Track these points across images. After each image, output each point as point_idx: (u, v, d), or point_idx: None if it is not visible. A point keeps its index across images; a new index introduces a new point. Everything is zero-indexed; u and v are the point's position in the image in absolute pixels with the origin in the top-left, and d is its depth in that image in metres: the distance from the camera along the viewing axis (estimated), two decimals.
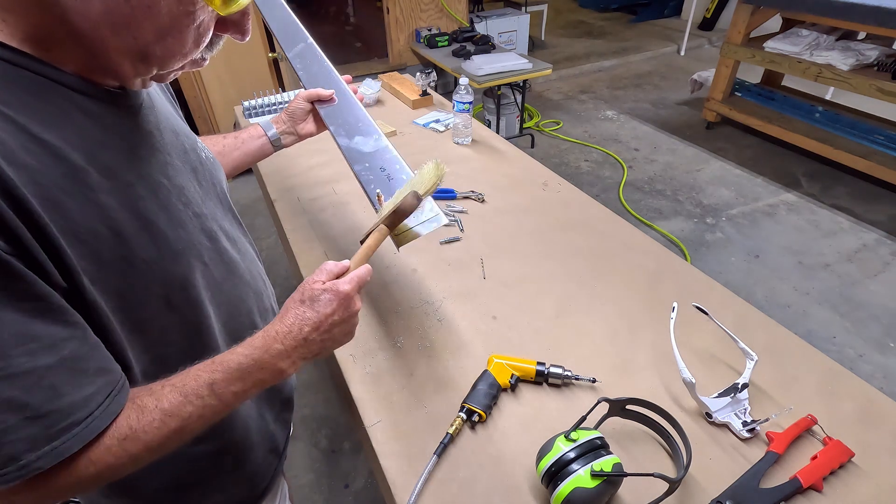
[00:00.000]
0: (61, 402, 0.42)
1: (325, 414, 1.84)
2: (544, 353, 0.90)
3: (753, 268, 2.46)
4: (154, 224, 0.52)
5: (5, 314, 0.39)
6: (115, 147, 0.50)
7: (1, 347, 0.39)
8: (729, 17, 4.19)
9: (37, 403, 0.41)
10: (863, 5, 2.63)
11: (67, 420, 0.42)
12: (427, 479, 0.71)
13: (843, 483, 0.70)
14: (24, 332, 0.40)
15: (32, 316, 0.40)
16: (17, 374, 0.40)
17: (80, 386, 0.43)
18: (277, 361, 0.55)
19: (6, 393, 0.39)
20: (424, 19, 3.80)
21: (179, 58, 0.48)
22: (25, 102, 0.42)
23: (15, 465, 0.40)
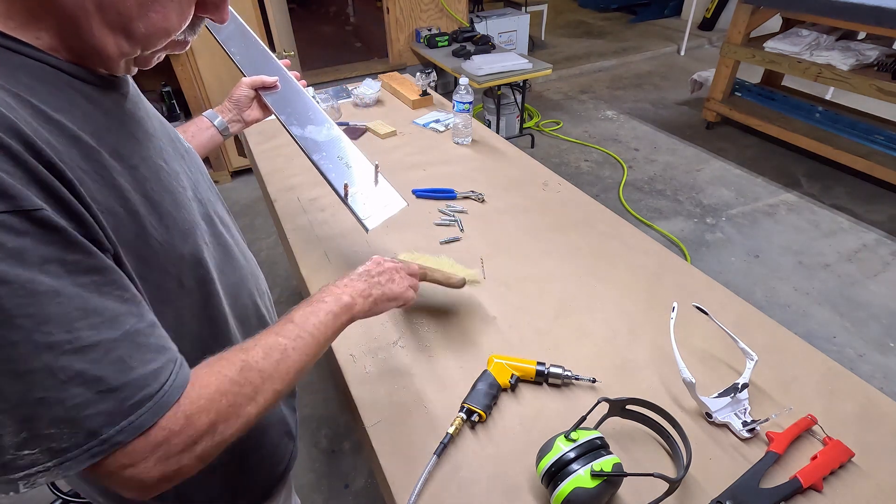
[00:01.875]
0: (132, 375, 0.42)
1: (325, 414, 1.84)
2: (544, 353, 0.90)
3: (753, 268, 2.46)
4: (161, 205, 0.52)
5: (66, 288, 0.39)
6: (117, 131, 0.50)
7: (67, 321, 0.38)
8: (729, 17, 4.19)
9: (109, 377, 0.40)
10: (863, 5, 2.63)
11: (140, 394, 0.42)
12: (427, 479, 0.71)
13: (843, 483, 0.70)
14: (85, 307, 0.40)
15: (90, 291, 0.40)
16: (86, 346, 0.39)
17: (146, 360, 0.43)
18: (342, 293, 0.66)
19: (77, 366, 0.39)
20: (424, 19, 3.80)
21: (163, 35, 0.48)
22: (34, 88, 0.43)
23: (97, 440, 0.40)
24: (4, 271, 0.35)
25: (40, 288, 0.37)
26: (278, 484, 0.79)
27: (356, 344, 0.93)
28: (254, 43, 1.06)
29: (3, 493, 0.40)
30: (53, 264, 0.38)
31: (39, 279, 0.37)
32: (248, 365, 0.51)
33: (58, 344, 0.38)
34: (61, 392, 0.38)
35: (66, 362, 0.38)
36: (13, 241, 0.36)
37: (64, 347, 0.38)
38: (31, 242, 0.37)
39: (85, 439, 0.40)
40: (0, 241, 0.35)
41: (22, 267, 0.36)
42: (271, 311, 0.80)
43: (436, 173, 1.46)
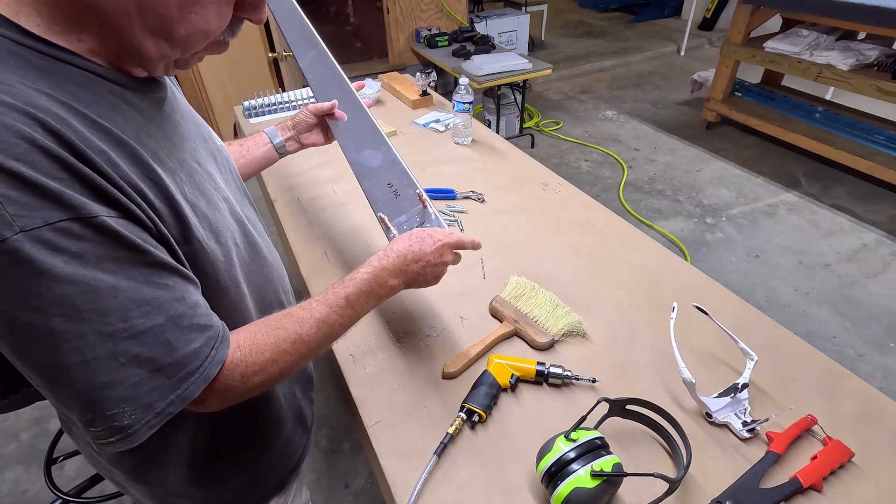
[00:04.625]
0: (177, 355, 0.48)
1: (325, 414, 1.84)
2: (544, 353, 0.90)
3: (753, 268, 2.46)
4: (198, 206, 0.55)
5: (120, 282, 0.44)
6: (156, 135, 0.52)
7: (123, 311, 0.44)
8: (729, 17, 4.18)
9: (159, 357, 0.46)
10: (863, 5, 2.63)
11: (185, 370, 0.48)
12: (427, 479, 0.71)
13: (843, 483, 0.70)
14: (137, 297, 0.45)
15: (140, 283, 0.45)
16: (140, 332, 0.45)
17: (188, 341, 0.48)
18: (389, 278, 0.70)
19: (134, 350, 0.45)
20: (424, 19, 3.80)
21: (202, 37, 0.50)
22: (80, 96, 0.45)
23: (152, 413, 0.47)
24: (72, 273, 0.41)
25: (101, 284, 0.42)
26: (291, 475, 0.80)
27: (356, 344, 0.93)
28: (329, 67, 1.06)
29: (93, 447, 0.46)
30: (108, 262, 0.43)
31: (99, 276, 0.42)
32: (301, 339, 0.59)
33: (118, 332, 0.44)
34: (123, 373, 0.44)
35: (125, 347, 0.44)
36: (75, 245, 0.41)
37: (122, 335, 0.44)
38: (89, 246, 0.42)
39: (143, 413, 0.46)
40: (65, 245, 0.40)
41: (84, 267, 0.42)
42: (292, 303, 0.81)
43: (436, 173, 1.46)
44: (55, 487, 1.51)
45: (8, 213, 0.38)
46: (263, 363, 0.55)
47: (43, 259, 0.39)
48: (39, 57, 0.43)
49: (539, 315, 0.93)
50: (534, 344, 0.91)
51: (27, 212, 0.39)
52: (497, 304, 0.97)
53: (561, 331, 0.91)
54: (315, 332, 0.60)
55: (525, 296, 0.97)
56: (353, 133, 1.00)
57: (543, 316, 0.93)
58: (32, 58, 0.43)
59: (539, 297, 0.97)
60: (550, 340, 0.90)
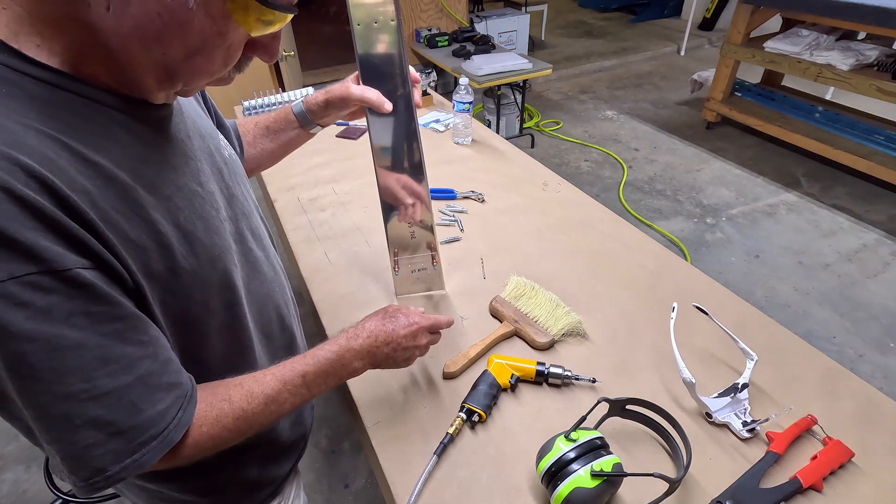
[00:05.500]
0: (140, 418, 0.45)
1: (325, 414, 1.84)
2: (544, 353, 0.90)
3: (753, 268, 2.46)
4: (192, 234, 0.53)
5: (89, 339, 0.42)
6: (154, 161, 0.50)
7: (87, 371, 0.42)
8: (729, 17, 4.18)
9: (120, 420, 0.44)
10: (863, 5, 2.63)
11: (146, 434, 0.46)
12: (427, 479, 0.71)
13: (843, 483, 0.70)
14: (105, 356, 0.43)
15: (112, 339, 0.43)
16: (102, 394, 0.43)
17: (155, 401, 0.47)
18: (354, 360, 0.65)
19: (93, 412, 0.43)
20: (424, 19, 3.80)
21: (206, 77, 0.48)
22: (73, 125, 0.43)
23: (102, 476, 0.45)
24: (32, 329, 0.39)
25: (64, 342, 0.40)
26: (286, 481, 0.80)
27: None
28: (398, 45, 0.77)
29: None
30: (79, 317, 0.41)
31: (64, 333, 0.40)
32: (245, 416, 0.55)
33: (76, 393, 0.42)
34: (75, 435, 0.43)
35: (82, 409, 0.42)
36: (42, 299, 0.39)
37: (81, 396, 0.42)
38: (58, 299, 0.40)
39: (91, 475, 0.44)
40: (29, 300, 0.38)
41: (49, 324, 0.39)
42: (296, 317, 0.80)
43: (436, 173, 1.46)
44: (55, 487, 1.51)
45: None
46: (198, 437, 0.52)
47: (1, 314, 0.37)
48: (35, 83, 0.42)
49: (539, 315, 0.93)
50: (534, 344, 0.91)
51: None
52: (497, 304, 0.97)
53: (561, 331, 0.91)
54: (261, 410, 0.57)
55: (525, 296, 0.97)
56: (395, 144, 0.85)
57: (543, 316, 0.93)
58: (28, 84, 0.41)
59: (539, 297, 0.97)
60: (550, 340, 0.90)
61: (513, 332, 0.93)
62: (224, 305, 0.59)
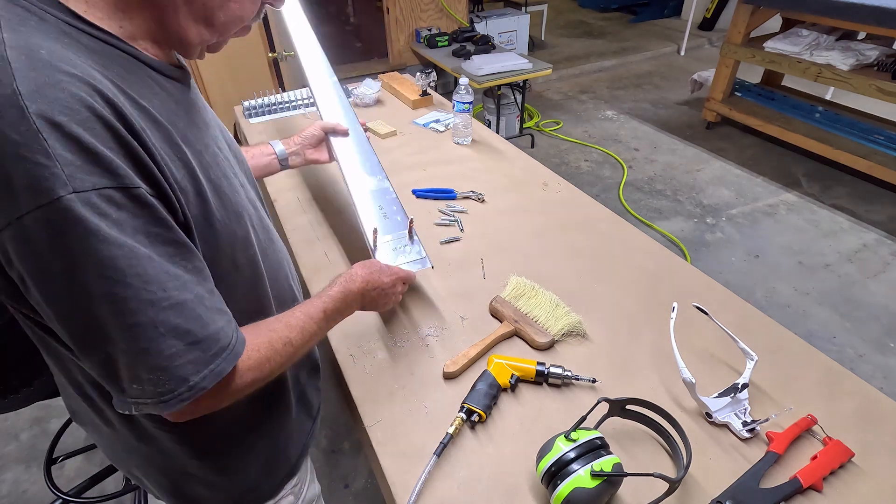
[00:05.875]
0: (209, 331, 0.49)
1: (325, 414, 1.83)
2: (544, 353, 0.90)
3: (753, 268, 2.46)
4: (220, 188, 0.57)
5: (155, 254, 0.45)
6: (185, 119, 0.55)
7: (161, 281, 0.45)
8: (729, 17, 4.18)
9: (195, 330, 0.48)
10: (863, 5, 2.63)
11: (217, 345, 0.50)
12: (427, 479, 0.71)
13: (843, 483, 0.70)
14: (170, 272, 0.46)
15: (167, 260, 0.47)
16: (178, 303, 0.46)
17: (214, 320, 0.50)
18: (353, 301, 0.77)
19: (174, 321, 0.46)
20: (424, 19, 3.80)
21: (238, 23, 0.55)
22: (124, 77, 0.48)
23: (186, 386, 0.48)
24: (117, 236, 0.42)
25: (139, 253, 0.44)
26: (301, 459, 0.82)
27: (356, 344, 0.93)
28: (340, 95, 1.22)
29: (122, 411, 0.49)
30: (142, 235, 0.45)
31: (137, 247, 0.44)
32: (290, 342, 0.62)
33: (158, 301, 0.45)
34: (161, 344, 0.46)
35: (165, 317, 0.46)
36: (115, 212, 0.43)
37: (163, 304, 0.45)
38: (127, 216, 0.43)
39: (177, 385, 0.47)
40: (108, 211, 0.42)
41: (124, 234, 0.43)
42: (299, 294, 0.85)
43: (436, 173, 1.46)
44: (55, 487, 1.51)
45: (64, 173, 0.40)
46: (259, 360, 0.57)
47: (92, 220, 0.41)
48: (89, 39, 0.47)
49: (539, 315, 0.93)
50: (534, 344, 0.91)
51: (80, 174, 0.41)
52: (497, 304, 0.97)
53: (561, 331, 0.91)
54: (299, 338, 0.64)
55: (525, 296, 0.97)
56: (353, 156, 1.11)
57: (543, 316, 0.93)
58: (83, 39, 0.46)
59: (539, 297, 0.97)
60: (550, 340, 0.90)
61: (513, 332, 0.93)
62: (248, 263, 0.62)
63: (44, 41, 0.43)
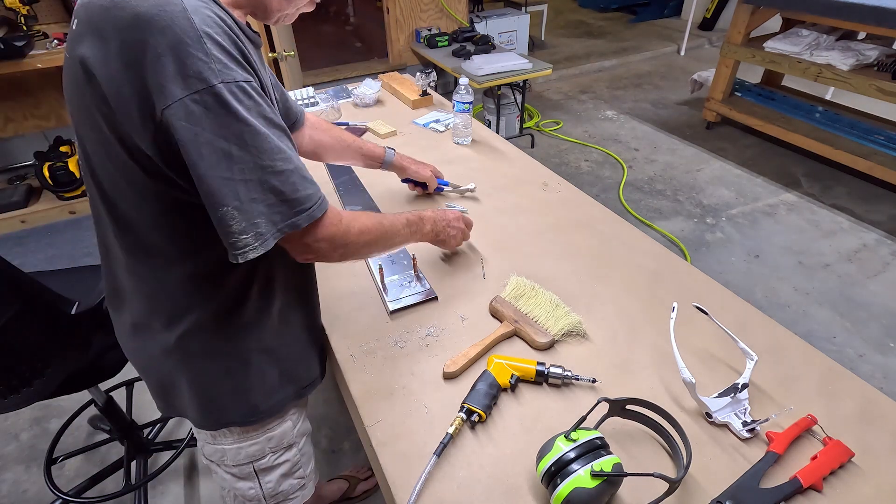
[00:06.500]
0: (299, 195, 0.65)
1: (325, 414, 1.84)
2: (544, 353, 0.90)
3: (753, 268, 2.46)
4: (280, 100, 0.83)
5: (270, 133, 0.62)
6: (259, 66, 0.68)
7: (271, 153, 0.61)
8: (729, 17, 4.18)
9: (288, 192, 0.63)
10: (863, 5, 2.63)
11: (301, 205, 0.65)
12: (427, 479, 0.71)
13: (843, 483, 0.70)
14: (277, 146, 0.62)
15: (277, 137, 0.63)
16: (278, 171, 0.62)
17: (306, 187, 0.66)
18: (426, 223, 0.97)
19: (273, 182, 0.62)
20: (424, 19, 3.80)
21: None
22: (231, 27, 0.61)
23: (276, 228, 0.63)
24: (248, 117, 0.59)
25: (260, 131, 0.60)
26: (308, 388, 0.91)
27: (356, 344, 0.93)
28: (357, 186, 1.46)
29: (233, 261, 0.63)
30: (263, 118, 0.61)
31: (259, 126, 0.60)
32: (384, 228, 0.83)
33: (266, 167, 0.61)
34: (265, 195, 0.62)
35: (267, 178, 0.61)
36: (248, 100, 0.59)
37: (269, 169, 0.61)
38: (253, 102, 0.60)
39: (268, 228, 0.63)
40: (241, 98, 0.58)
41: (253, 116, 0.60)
42: None
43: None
44: (55, 487, 1.51)
45: (217, 68, 0.56)
46: (360, 227, 0.76)
47: (234, 104, 0.57)
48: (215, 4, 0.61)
49: (539, 315, 0.93)
50: (534, 344, 0.91)
51: (227, 70, 0.57)
52: (497, 304, 0.97)
53: (561, 331, 0.91)
54: (390, 229, 0.84)
55: (525, 296, 0.97)
56: None
57: (543, 316, 0.93)
58: None
59: (539, 297, 0.97)
60: (550, 340, 0.90)
61: (513, 332, 0.93)
62: None
63: None
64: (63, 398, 1.53)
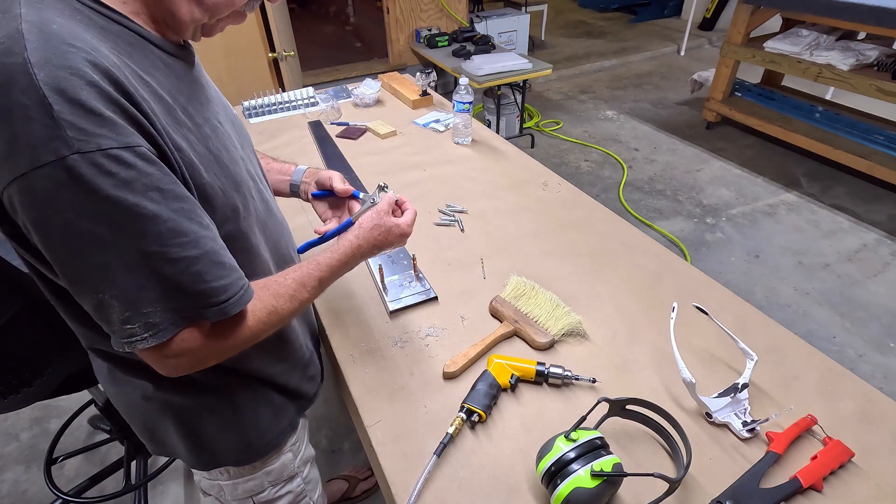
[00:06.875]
0: (204, 287, 0.53)
1: (325, 414, 1.84)
2: (544, 353, 0.90)
3: (753, 268, 2.46)
4: (220, 158, 0.61)
5: (163, 212, 0.49)
6: (186, 93, 0.59)
7: (161, 238, 0.49)
8: (729, 17, 4.18)
9: (186, 285, 0.52)
10: (863, 5, 2.63)
11: (208, 300, 0.53)
12: (427, 479, 0.71)
13: (843, 483, 0.70)
14: (177, 229, 0.50)
15: (180, 216, 0.51)
16: (173, 259, 0.50)
17: (220, 276, 0.54)
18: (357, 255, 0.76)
19: (164, 271, 0.50)
20: (424, 19, 3.80)
21: (229, 5, 0.57)
22: (127, 51, 0.52)
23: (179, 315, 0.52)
24: (118, 195, 0.46)
25: (144, 211, 0.48)
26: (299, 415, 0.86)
27: (356, 344, 0.93)
28: None
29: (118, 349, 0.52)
30: (154, 192, 0.49)
31: (143, 204, 0.48)
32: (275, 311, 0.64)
33: (154, 253, 0.49)
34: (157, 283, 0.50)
35: (159, 267, 0.50)
36: (125, 171, 0.47)
37: (158, 257, 0.50)
38: (136, 174, 0.47)
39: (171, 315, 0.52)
40: (115, 170, 0.46)
41: (132, 194, 0.47)
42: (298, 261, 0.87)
43: (435, 173, 1.46)
44: (55, 487, 1.51)
45: (68, 135, 0.44)
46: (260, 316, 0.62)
47: (93, 179, 0.45)
48: (100, 17, 0.50)
49: (539, 315, 0.93)
50: (534, 344, 0.91)
51: (84, 137, 0.44)
52: (497, 304, 0.97)
53: (561, 331, 0.91)
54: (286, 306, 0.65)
55: (525, 296, 0.97)
56: None
57: (543, 316, 0.93)
58: (94, 16, 0.50)
59: (539, 297, 0.97)
60: (550, 340, 0.90)
61: (513, 332, 0.93)
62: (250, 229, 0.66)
63: (57, 17, 0.47)
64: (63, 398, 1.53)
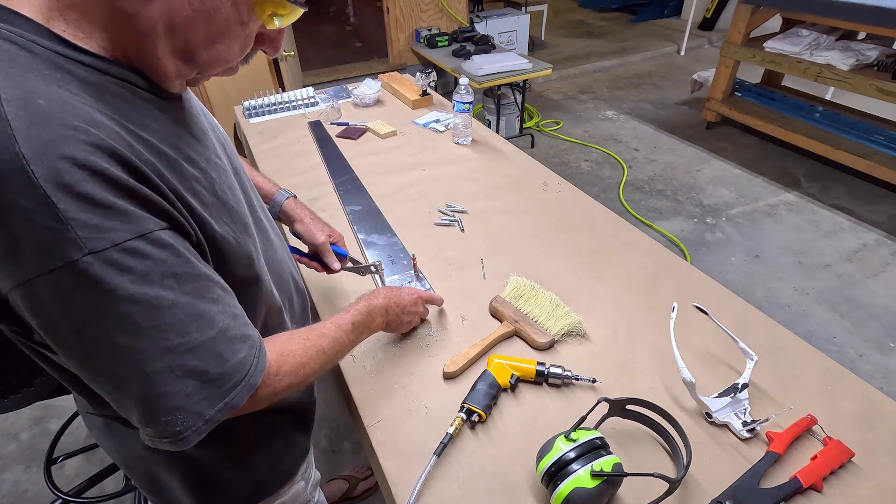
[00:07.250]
0: (226, 367, 0.50)
1: (325, 414, 1.84)
2: (544, 353, 0.90)
3: (753, 268, 2.46)
4: (228, 203, 0.57)
5: (179, 298, 0.46)
6: (186, 137, 0.54)
7: (181, 327, 0.46)
8: (729, 17, 4.18)
9: (212, 369, 0.49)
10: (863, 5, 2.63)
11: (233, 379, 0.50)
12: (427, 479, 0.71)
13: (843, 483, 0.70)
14: (193, 313, 0.47)
15: (194, 297, 0.47)
16: (195, 347, 0.47)
17: (235, 351, 0.51)
18: (377, 315, 0.79)
19: (190, 363, 0.47)
20: (424, 19, 3.80)
21: (222, 63, 0.51)
22: (119, 107, 0.46)
23: (202, 420, 0.49)
24: (136, 291, 0.43)
25: (162, 302, 0.45)
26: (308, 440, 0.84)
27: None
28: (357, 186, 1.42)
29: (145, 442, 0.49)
30: (169, 279, 0.45)
31: (161, 294, 0.44)
32: (323, 350, 0.64)
33: (175, 347, 0.46)
34: (178, 385, 0.47)
35: (182, 361, 0.46)
36: (141, 264, 0.43)
37: (179, 350, 0.46)
38: (153, 264, 0.44)
39: (194, 421, 0.48)
40: (131, 265, 0.42)
41: (150, 286, 0.44)
42: (301, 280, 0.85)
43: (435, 174, 1.46)
44: (55, 487, 1.51)
45: (78, 236, 0.39)
46: (293, 367, 0.59)
47: (110, 279, 0.41)
48: (82, 69, 0.44)
49: (539, 315, 0.93)
50: (534, 344, 0.91)
51: (96, 234, 0.40)
52: (497, 304, 0.97)
53: (561, 331, 0.91)
54: (330, 347, 0.66)
55: (525, 296, 0.97)
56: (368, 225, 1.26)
57: (543, 316, 0.93)
58: (76, 70, 0.44)
59: (539, 297, 0.97)
60: (550, 340, 0.90)
61: (513, 332, 0.93)
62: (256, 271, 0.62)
63: (39, 84, 0.41)
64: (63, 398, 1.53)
